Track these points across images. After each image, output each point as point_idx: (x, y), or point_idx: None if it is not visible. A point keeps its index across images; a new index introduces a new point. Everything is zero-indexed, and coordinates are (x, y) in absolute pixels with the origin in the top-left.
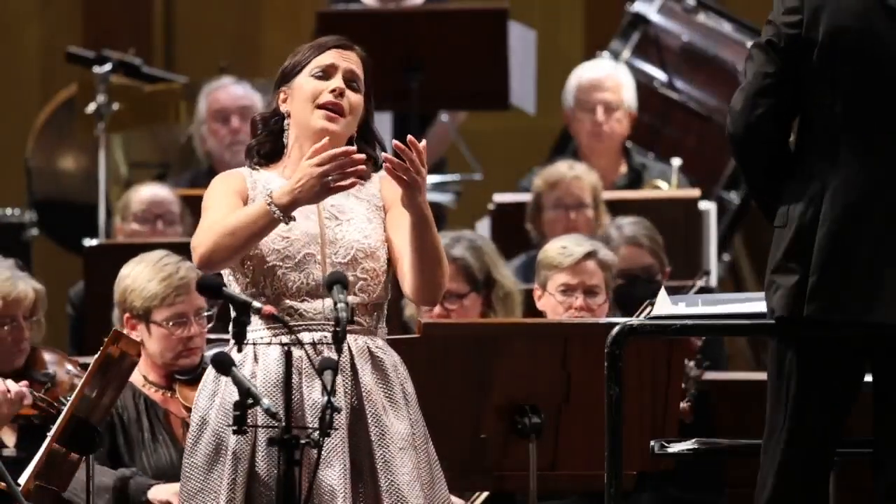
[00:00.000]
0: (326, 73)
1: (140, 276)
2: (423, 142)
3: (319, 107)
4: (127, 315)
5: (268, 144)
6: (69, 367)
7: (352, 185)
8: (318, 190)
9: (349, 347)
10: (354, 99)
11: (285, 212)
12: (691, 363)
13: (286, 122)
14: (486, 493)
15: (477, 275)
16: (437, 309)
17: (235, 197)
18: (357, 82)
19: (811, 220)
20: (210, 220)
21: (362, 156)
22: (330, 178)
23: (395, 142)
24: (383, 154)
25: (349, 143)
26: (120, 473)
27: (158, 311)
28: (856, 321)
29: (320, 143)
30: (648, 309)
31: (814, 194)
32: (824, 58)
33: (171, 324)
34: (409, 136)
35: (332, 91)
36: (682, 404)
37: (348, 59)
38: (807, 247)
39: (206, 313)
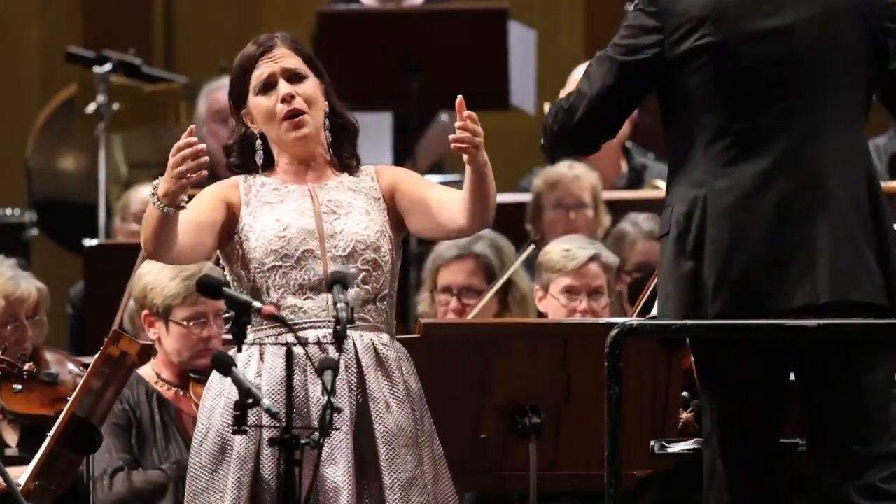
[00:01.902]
0: (267, 86)
1: (162, 274)
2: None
3: (282, 120)
4: (146, 312)
5: (244, 165)
6: (71, 366)
7: (200, 177)
8: (175, 181)
9: (354, 344)
10: (304, 89)
11: (166, 202)
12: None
13: (258, 142)
14: None
15: (497, 273)
16: (454, 303)
17: (213, 200)
18: (298, 72)
19: (698, 224)
20: None
21: (202, 146)
22: (179, 169)
23: (460, 122)
24: (454, 145)
25: (324, 123)
26: (168, 467)
27: (179, 309)
28: (765, 311)
29: (184, 134)
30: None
31: (695, 198)
32: (691, 70)
33: (191, 323)
34: (467, 113)
35: (283, 101)
36: (685, 414)
37: (279, 59)
38: (696, 250)
39: (224, 315)
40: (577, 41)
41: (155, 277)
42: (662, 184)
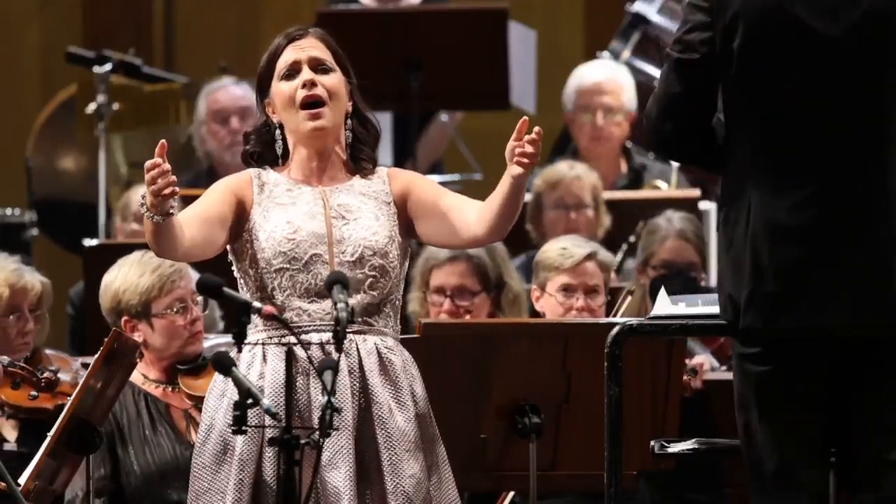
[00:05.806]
0: (292, 71)
1: (130, 275)
2: (524, 118)
3: (301, 107)
4: (125, 318)
5: (262, 153)
6: (73, 365)
7: (172, 193)
8: (153, 197)
9: (357, 348)
10: (328, 80)
11: (154, 212)
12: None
13: (277, 132)
14: (512, 493)
15: (490, 275)
16: (447, 305)
17: (224, 195)
18: (325, 63)
19: (742, 231)
20: None
21: (167, 166)
22: (153, 187)
23: (527, 136)
24: (517, 158)
25: (345, 123)
26: None
27: (158, 301)
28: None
29: (157, 149)
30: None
31: (741, 204)
32: (739, 71)
33: (173, 310)
34: (536, 129)
35: (304, 86)
36: (690, 377)
37: (306, 48)
38: (739, 258)
39: (199, 298)
40: (577, 41)
41: (123, 281)
42: (662, 184)
